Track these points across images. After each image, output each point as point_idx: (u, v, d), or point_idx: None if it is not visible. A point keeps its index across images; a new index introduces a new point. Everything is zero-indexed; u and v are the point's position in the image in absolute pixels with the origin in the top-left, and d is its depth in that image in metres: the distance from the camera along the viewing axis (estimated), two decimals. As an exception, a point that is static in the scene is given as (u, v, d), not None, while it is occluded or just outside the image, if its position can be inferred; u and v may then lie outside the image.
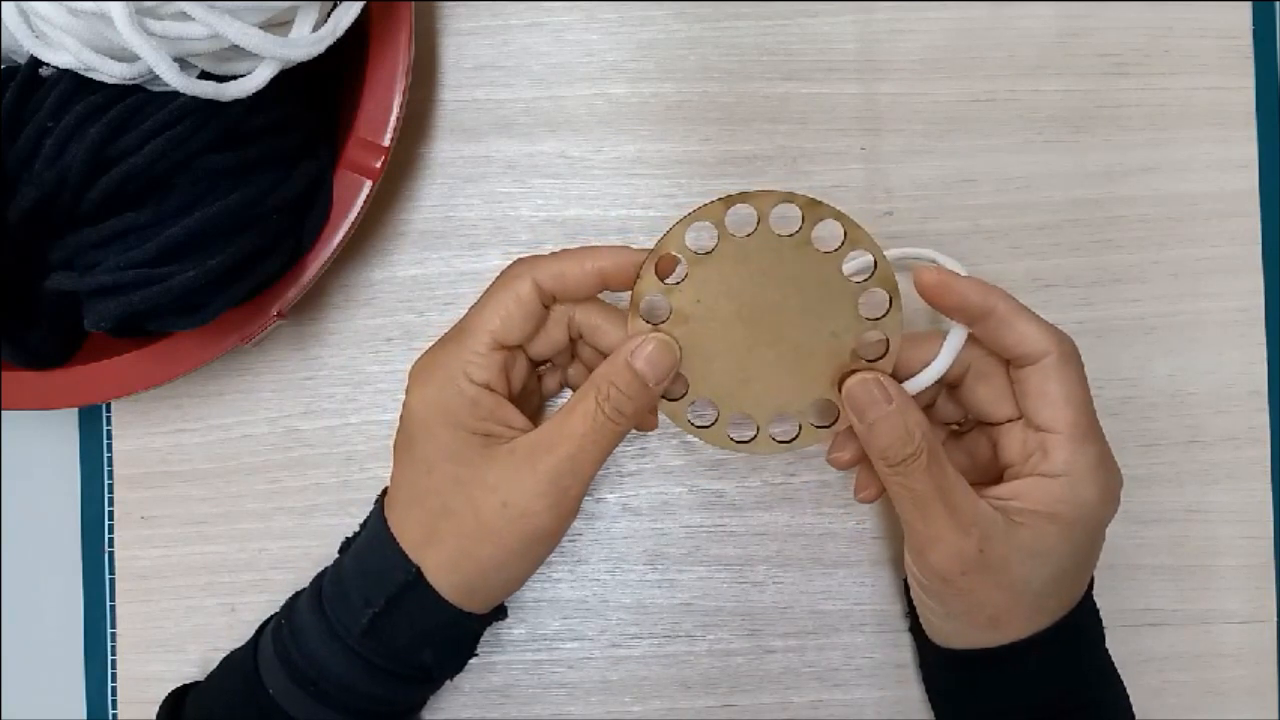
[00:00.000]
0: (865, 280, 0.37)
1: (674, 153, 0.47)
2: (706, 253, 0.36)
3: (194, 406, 0.47)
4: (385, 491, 0.40)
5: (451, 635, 0.39)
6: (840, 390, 0.37)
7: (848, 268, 0.37)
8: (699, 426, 0.38)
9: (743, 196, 0.36)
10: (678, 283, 0.37)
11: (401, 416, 0.38)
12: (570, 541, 0.47)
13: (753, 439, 0.38)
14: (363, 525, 0.41)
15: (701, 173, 0.47)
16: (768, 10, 0.47)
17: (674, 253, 0.36)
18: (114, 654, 0.47)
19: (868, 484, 0.40)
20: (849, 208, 0.47)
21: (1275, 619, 0.48)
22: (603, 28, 0.47)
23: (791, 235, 0.36)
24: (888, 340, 0.37)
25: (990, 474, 0.39)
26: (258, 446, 0.47)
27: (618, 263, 0.37)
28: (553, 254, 0.38)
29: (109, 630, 0.47)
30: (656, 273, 0.36)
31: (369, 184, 0.41)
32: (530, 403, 0.42)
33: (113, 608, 0.47)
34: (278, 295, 0.40)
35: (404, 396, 0.38)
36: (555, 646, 0.47)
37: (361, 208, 0.40)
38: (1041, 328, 0.37)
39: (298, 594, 0.41)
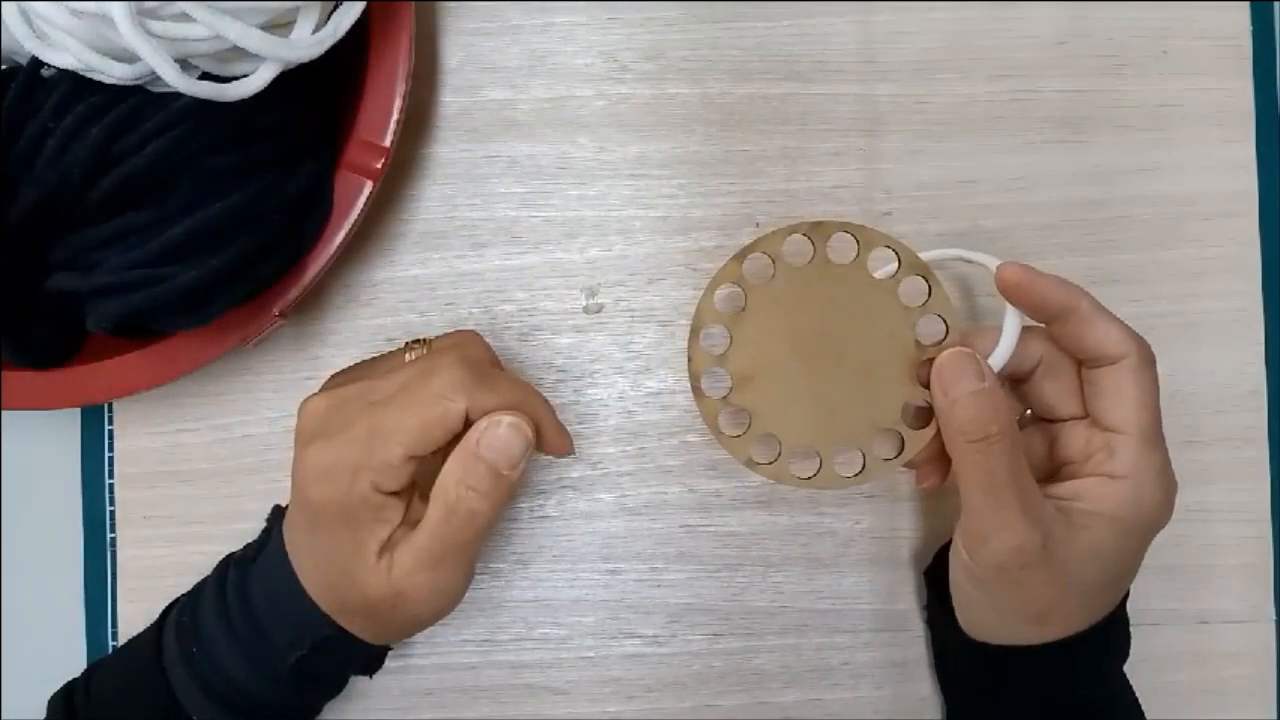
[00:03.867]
0: (897, 273, 0.37)
1: (675, 153, 0.47)
2: (741, 310, 0.37)
3: (195, 406, 0.47)
4: (277, 510, 0.40)
5: (374, 657, 0.41)
6: (926, 379, 0.37)
7: (876, 272, 0.37)
8: (801, 477, 0.38)
9: (751, 247, 0.37)
10: (725, 352, 0.37)
11: (296, 488, 0.36)
12: (568, 541, 0.47)
13: (816, 474, 0.38)
14: (259, 546, 0.39)
15: (702, 173, 0.47)
16: (768, 11, 0.47)
17: (710, 323, 0.37)
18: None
19: (932, 472, 0.40)
20: (849, 208, 0.47)
21: (1274, 619, 0.48)
22: (604, 29, 0.47)
23: (811, 262, 0.37)
24: (945, 322, 0.38)
25: (1041, 473, 0.39)
26: (258, 446, 0.47)
27: (557, 437, 0.37)
28: (494, 386, 0.36)
29: (110, 629, 0.47)
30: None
31: (370, 184, 0.41)
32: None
33: (114, 607, 0.47)
34: (279, 295, 0.40)
35: (298, 465, 0.36)
36: (552, 646, 0.47)
37: (362, 208, 0.41)
38: (1123, 330, 0.37)
39: (197, 598, 0.40)
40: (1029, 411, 0.41)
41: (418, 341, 0.39)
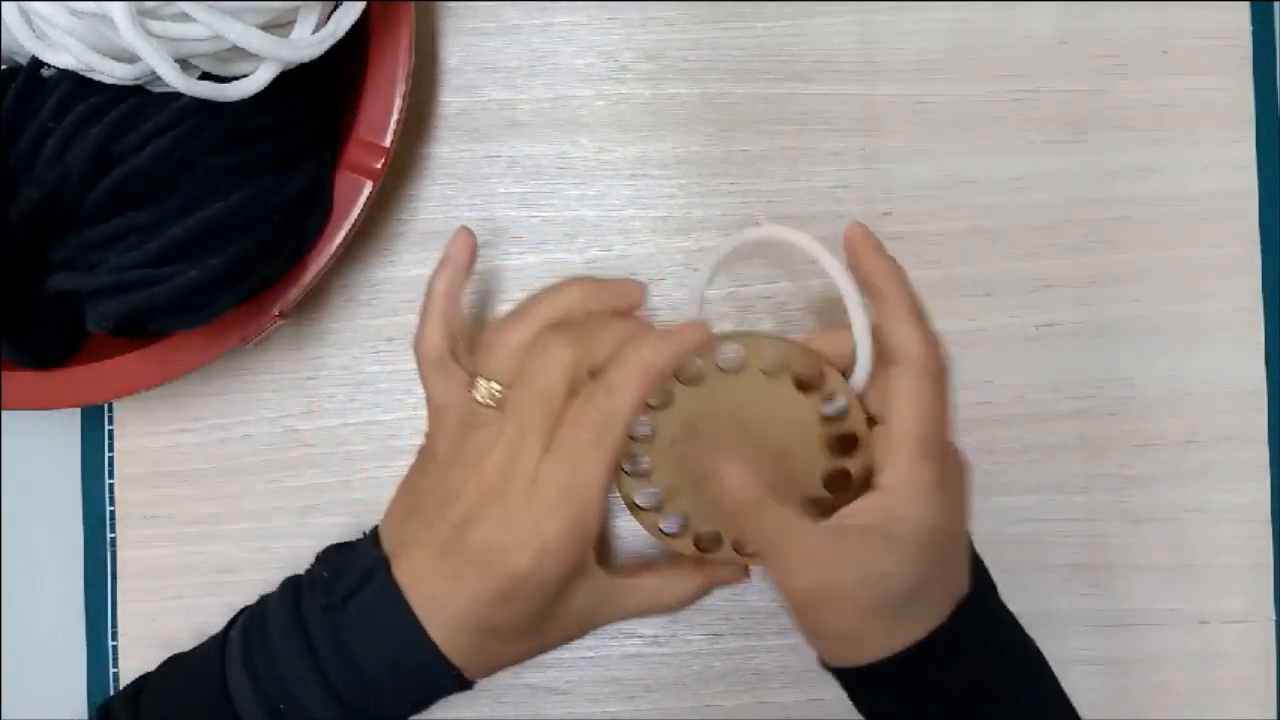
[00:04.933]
0: (781, 374, 0.38)
1: (675, 153, 0.47)
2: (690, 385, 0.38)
3: (195, 406, 0.47)
4: (382, 555, 0.38)
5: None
6: (834, 448, 0.39)
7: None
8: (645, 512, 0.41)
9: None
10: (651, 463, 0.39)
11: (499, 567, 0.36)
12: (570, 541, 0.47)
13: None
14: (347, 591, 0.38)
15: (703, 173, 0.47)
16: (768, 11, 0.47)
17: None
18: (115, 653, 0.47)
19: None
20: (849, 208, 0.47)
21: (1273, 619, 0.48)
22: (604, 29, 0.47)
23: (704, 381, 0.38)
24: (842, 394, 0.38)
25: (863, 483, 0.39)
26: (258, 446, 0.47)
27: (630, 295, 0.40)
28: (632, 382, 0.36)
29: (110, 629, 0.47)
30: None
31: (370, 184, 0.41)
32: None
33: (114, 607, 0.47)
34: (278, 295, 0.40)
35: (492, 531, 0.36)
36: (555, 646, 0.47)
37: (362, 208, 0.41)
38: (919, 335, 0.37)
39: (258, 620, 0.39)
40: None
41: (482, 381, 0.39)
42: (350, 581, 0.38)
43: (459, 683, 0.38)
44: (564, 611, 0.38)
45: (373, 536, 0.40)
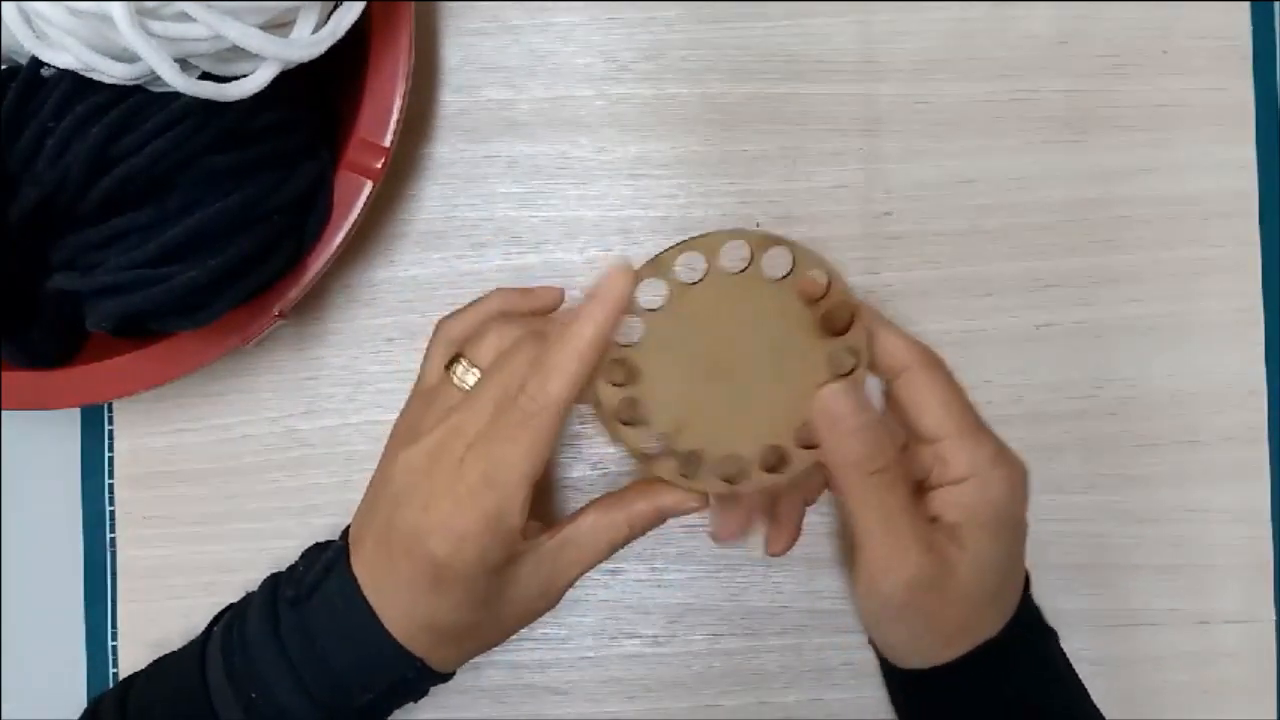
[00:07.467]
0: (822, 299, 0.36)
1: (675, 153, 0.47)
2: (654, 310, 0.36)
3: (195, 406, 0.47)
4: (346, 546, 0.38)
5: (424, 690, 0.40)
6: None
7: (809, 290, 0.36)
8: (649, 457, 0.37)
9: (689, 244, 0.35)
10: (629, 344, 0.36)
11: (409, 544, 0.35)
12: (570, 541, 0.47)
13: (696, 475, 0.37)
14: (312, 585, 0.38)
15: (702, 173, 0.47)
16: (768, 11, 0.47)
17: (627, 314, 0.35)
18: (115, 653, 0.47)
19: (780, 536, 0.40)
20: (849, 208, 0.47)
21: (1274, 619, 0.48)
22: (604, 29, 0.47)
23: (743, 272, 0.36)
24: (857, 355, 0.36)
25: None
26: (258, 446, 0.47)
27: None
28: (567, 366, 0.34)
29: (110, 629, 0.47)
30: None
31: (370, 184, 0.41)
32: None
33: (114, 607, 0.47)
34: (279, 295, 0.40)
35: (403, 519, 0.36)
36: (552, 646, 0.47)
37: (362, 208, 0.41)
38: (903, 339, 0.37)
39: (239, 618, 0.39)
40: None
41: (454, 360, 0.39)
42: (316, 575, 0.38)
43: (429, 675, 0.38)
44: (514, 593, 0.37)
45: (346, 529, 0.40)
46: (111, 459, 0.47)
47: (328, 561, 0.38)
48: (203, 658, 0.39)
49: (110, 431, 0.47)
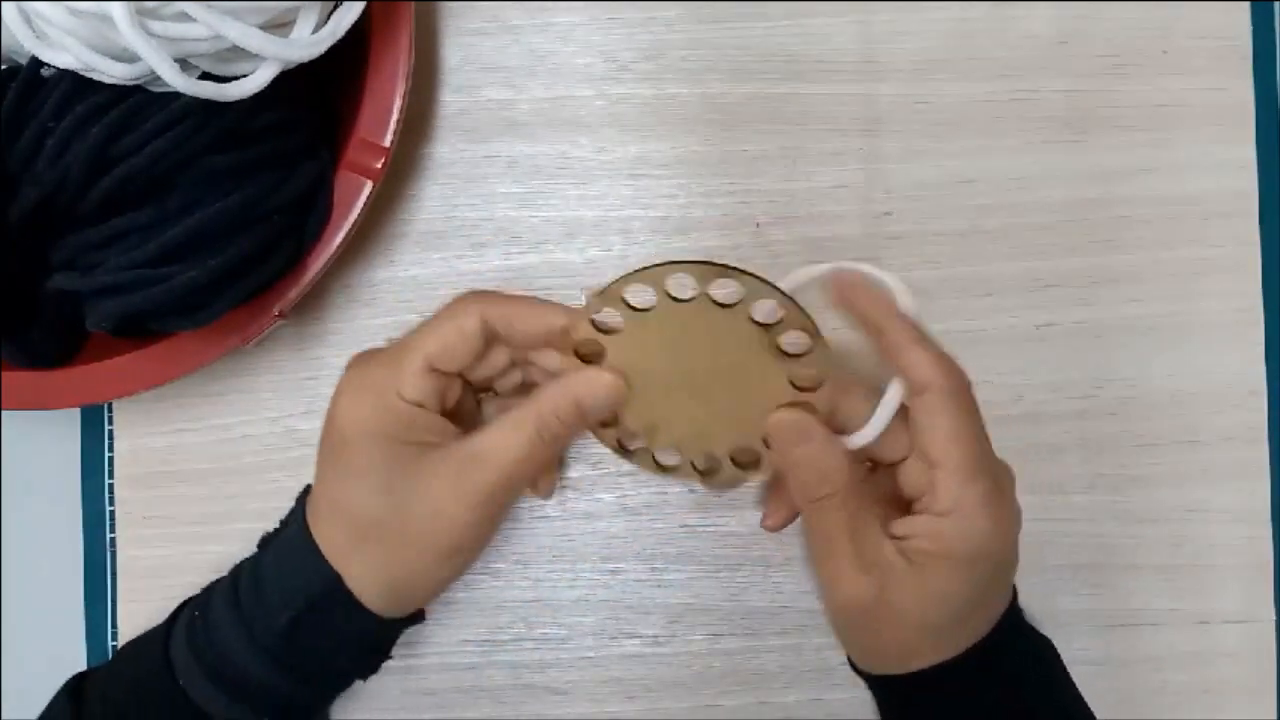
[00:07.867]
0: (777, 325, 0.36)
1: (675, 153, 0.47)
2: (644, 310, 0.36)
3: (195, 406, 0.47)
4: (308, 489, 0.40)
5: (369, 641, 0.39)
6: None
7: (761, 315, 0.36)
8: (629, 451, 0.40)
9: (632, 277, 0.36)
10: (609, 331, 0.37)
11: (326, 427, 0.38)
12: (568, 541, 0.47)
13: (676, 466, 0.40)
14: (284, 522, 0.41)
15: (702, 173, 0.47)
16: (768, 11, 0.47)
17: (610, 309, 0.37)
18: (114, 654, 0.47)
19: (775, 511, 0.42)
20: (849, 208, 0.47)
21: (1274, 619, 0.48)
22: (604, 29, 0.47)
23: (693, 300, 0.36)
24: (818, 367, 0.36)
25: (897, 508, 0.39)
26: (258, 446, 0.47)
27: (571, 325, 0.37)
28: (508, 296, 0.38)
29: (110, 629, 0.47)
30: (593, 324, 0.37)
31: (370, 184, 0.41)
32: (465, 422, 0.40)
33: (114, 607, 0.47)
34: (279, 295, 0.40)
35: (330, 405, 0.38)
36: (552, 646, 0.47)
37: (362, 208, 0.41)
38: (933, 358, 0.36)
39: (213, 585, 0.40)
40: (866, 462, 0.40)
41: None
42: (280, 529, 0.40)
43: (345, 602, 0.37)
44: (422, 488, 0.36)
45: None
46: (111, 459, 0.47)
47: (290, 515, 0.40)
48: (172, 622, 0.40)
49: (110, 431, 0.47)
